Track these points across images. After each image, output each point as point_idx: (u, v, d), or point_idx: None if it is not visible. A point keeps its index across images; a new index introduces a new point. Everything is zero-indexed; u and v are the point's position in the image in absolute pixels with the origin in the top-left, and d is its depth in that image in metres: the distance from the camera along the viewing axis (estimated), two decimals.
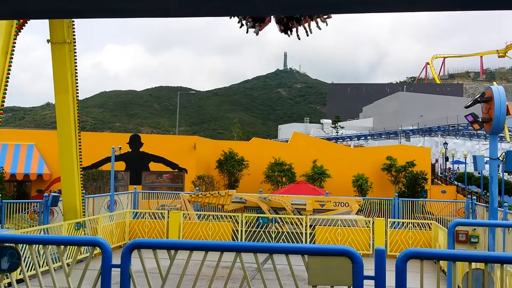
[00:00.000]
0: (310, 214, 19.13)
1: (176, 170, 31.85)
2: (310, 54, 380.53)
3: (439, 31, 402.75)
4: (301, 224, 17.87)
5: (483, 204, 21.75)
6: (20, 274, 9.49)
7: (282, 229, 18.03)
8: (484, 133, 40.68)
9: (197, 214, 19.94)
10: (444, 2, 2.13)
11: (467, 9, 2.13)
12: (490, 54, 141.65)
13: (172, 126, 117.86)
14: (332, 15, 13.49)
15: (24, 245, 6.16)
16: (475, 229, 7.99)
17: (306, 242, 17.25)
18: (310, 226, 17.68)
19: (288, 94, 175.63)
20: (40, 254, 10.38)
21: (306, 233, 17.45)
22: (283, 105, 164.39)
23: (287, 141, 44.93)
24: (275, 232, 17.85)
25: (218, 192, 20.80)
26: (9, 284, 5.38)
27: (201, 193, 21.23)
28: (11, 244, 4.88)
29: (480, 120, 11.66)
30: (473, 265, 4.42)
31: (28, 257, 8.58)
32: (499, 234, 11.95)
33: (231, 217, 18.59)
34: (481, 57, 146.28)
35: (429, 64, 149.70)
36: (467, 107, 12.41)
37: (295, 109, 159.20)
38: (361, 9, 2.22)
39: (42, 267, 10.76)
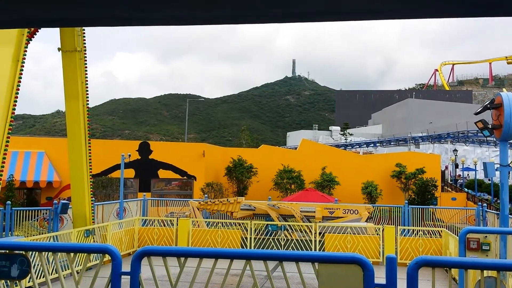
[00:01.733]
0: (319, 222, 19.05)
1: (185, 177, 31.90)
2: (319, 61, 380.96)
3: (448, 38, 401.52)
4: (310, 231, 17.79)
5: (493, 211, 21.55)
6: (29, 281, 9.52)
7: (291, 237, 17.96)
8: (494, 139, 40.36)
9: (206, 222, 19.93)
10: (444, 9, 2.13)
11: (469, 16, 2.12)
12: (499, 61, 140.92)
13: (181, 134, 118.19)
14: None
15: (34, 252, 6.18)
16: (486, 236, 7.90)
17: (315, 250, 17.16)
18: (320, 233, 17.60)
19: (296, 101, 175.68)
20: (50, 262, 10.41)
21: (315, 241, 17.36)
22: (292, 112, 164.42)
23: (295, 148, 44.88)
24: (284, 239, 17.78)
25: (227, 200, 20.79)
26: None
27: (210, 201, 21.23)
28: (21, 252, 4.90)
29: (490, 127, 11.57)
30: (485, 273, 4.37)
31: (38, 265, 8.61)
32: (510, 242, 11.81)
33: (240, 225, 18.55)
34: (490, 63, 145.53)
35: (438, 70, 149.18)
36: (477, 113, 12.33)
37: (303, 116, 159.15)
38: (364, 17, 2.22)
39: (51, 274, 10.77)
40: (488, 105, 11.57)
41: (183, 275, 4.66)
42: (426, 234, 17.38)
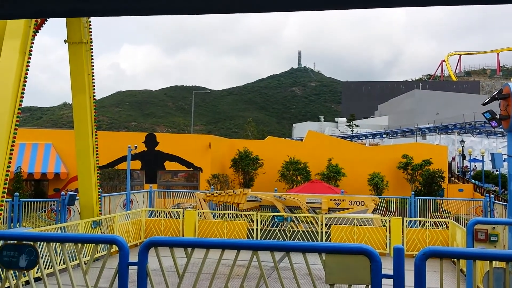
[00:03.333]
0: (326, 213, 19.05)
1: (191, 169, 31.96)
2: (325, 52, 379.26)
3: (455, 29, 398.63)
4: (316, 223, 17.80)
5: (501, 202, 21.46)
6: (37, 272, 9.58)
7: (298, 228, 17.97)
8: (502, 130, 40.15)
9: (212, 213, 19.98)
10: None
11: (474, 3, 2.10)
12: (506, 51, 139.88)
13: (187, 125, 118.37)
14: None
15: (42, 243, 6.21)
16: (494, 227, 7.87)
17: (321, 241, 17.17)
18: (326, 225, 17.60)
19: (302, 93, 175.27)
20: (58, 252, 10.46)
21: (321, 232, 17.38)
22: (298, 104, 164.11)
23: (301, 139, 44.84)
24: (290, 231, 17.80)
25: (233, 191, 20.82)
26: (27, 282, 5.43)
27: (216, 192, 21.26)
28: (29, 242, 4.92)
29: (498, 118, 11.50)
30: (494, 264, 4.35)
31: (46, 255, 8.66)
32: None
33: (246, 216, 18.58)
34: (498, 54, 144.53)
35: (445, 61, 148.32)
36: (484, 104, 12.26)
37: (309, 107, 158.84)
38: (371, 5, 2.20)
39: (59, 265, 10.84)
40: (496, 96, 11.49)
41: (190, 266, 4.67)
42: (433, 226, 17.34)
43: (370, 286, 4.08)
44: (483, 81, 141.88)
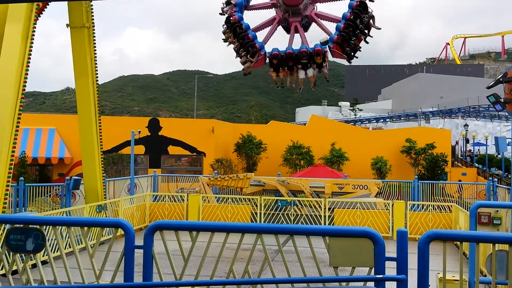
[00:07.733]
0: (329, 197, 19.12)
1: (194, 153, 32.02)
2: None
3: (460, 12, 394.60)
4: (319, 207, 17.87)
5: (504, 186, 21.47)
6: (44, 255, 9.68)
7: (301, 212, 18.05)
8: (506, 114, 40.04)
9: (216, 197, 20.07)
10: None
11: None
12: (511, 34, 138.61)
13: (190, 110, 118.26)
14: None
15: (48, 227, 6.27)
16: (497, 210, 7.89)
17: (325, 225, 17.24)
18: (329, 208, 17.67)
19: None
20: (64, 236, 10.56)
21: (325, 216, 17.45)
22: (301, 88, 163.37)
23: (305, 124, 44.82)
24: (294, 215, 17.88)
25: (237, 175, 20.89)
26: (34, 265, 5.50)
27: (220, 176, 21.34)
28: (36, 226, 4.97)
29: (502, 101, 11.45)
30: (497, 246, 4.39)
31: (52, 239, 8.73)
32: None
33: (249, 200, 18.66)
34: (503, 37, 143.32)
35: (449, 44, 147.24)
36: (489, 87, 12.19)
37: (312, 92, 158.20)
38: None
39: (65, 248, 10.93)
40: (501, 79, 11.42)
41: (195, 249, 4.72)
42: (436, 209, 17.38)
43: (373, 268, 4.12)
44: (487, 64, 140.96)
